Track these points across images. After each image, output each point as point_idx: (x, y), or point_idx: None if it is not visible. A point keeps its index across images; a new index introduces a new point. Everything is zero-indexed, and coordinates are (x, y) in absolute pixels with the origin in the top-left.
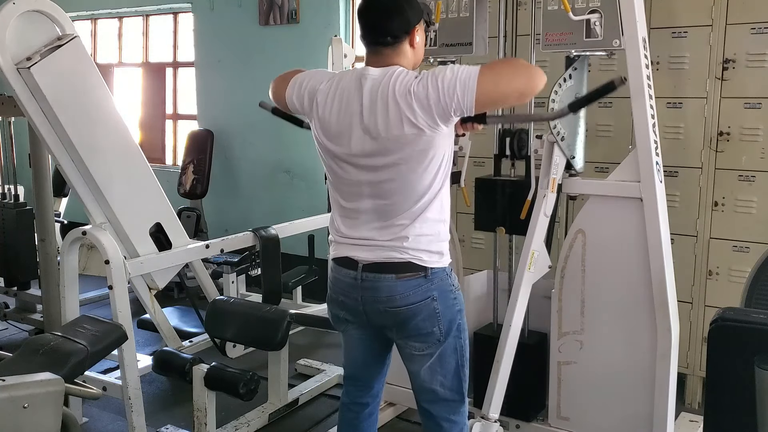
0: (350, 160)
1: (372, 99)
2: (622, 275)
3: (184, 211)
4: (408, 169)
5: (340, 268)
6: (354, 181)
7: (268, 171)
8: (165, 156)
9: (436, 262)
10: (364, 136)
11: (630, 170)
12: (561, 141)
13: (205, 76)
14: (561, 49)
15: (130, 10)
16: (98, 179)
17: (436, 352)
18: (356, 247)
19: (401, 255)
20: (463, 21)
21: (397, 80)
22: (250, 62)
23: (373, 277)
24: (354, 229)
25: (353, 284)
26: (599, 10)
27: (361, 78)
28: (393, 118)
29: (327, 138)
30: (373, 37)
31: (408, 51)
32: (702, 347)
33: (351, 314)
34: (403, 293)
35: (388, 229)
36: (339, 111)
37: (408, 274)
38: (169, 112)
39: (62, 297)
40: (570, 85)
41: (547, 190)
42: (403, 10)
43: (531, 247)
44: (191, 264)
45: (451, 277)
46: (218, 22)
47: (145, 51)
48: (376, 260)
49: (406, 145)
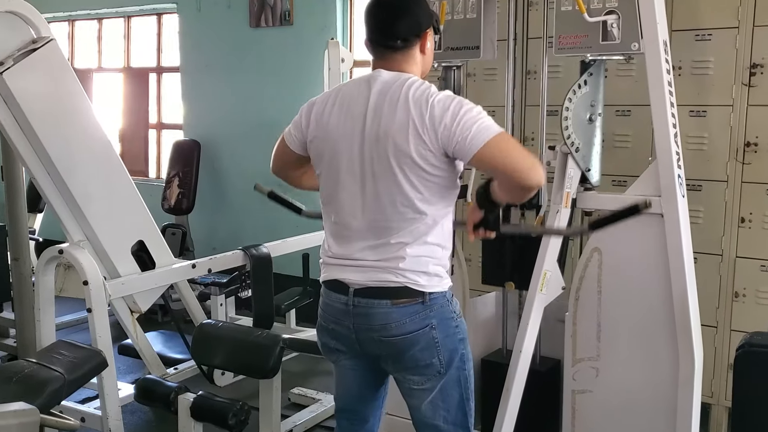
0: (347, 168)
1: (379, 101)
2: (642, 297)
3: (168, 228)
4: (409, 184)
5: (330, 293)
6: (349, 193)
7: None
8: (148, 168)
9: (435, 286)
10: (365, 141)
11: (650, 184)
12: (575, 152)
13: (192, 82)
14: (575, 52)
15: (110, 11)
16: (76, 194)
17: (437, 385)
18: (347, 269)
19: (396, 278)
20: (470, 23)
21: (412, 85)
22: (240, 67)
23: (366, 302)
24: (345, 248)
25: (344, 310)
26: (617, 11)
27: (369, 80)
28: (400, 123)
29: (324, 143)
30: (382, 39)
31: (418, 57)
32: (728, 375)
33: (342, 343)
34: (399, 321)
35: (382, 248)
36: (340, 114)
37: (404, 300)
38: (152, 120)
39: (37, 320)
40: (585, 92)
41: (561, 205)
42: (415, 12)
43: (543, 267)
44: (176, 285)
45: (452, 303)
46: (206, 23)
47: (127, 55)
48: (368, 284)
49: (409, 156)
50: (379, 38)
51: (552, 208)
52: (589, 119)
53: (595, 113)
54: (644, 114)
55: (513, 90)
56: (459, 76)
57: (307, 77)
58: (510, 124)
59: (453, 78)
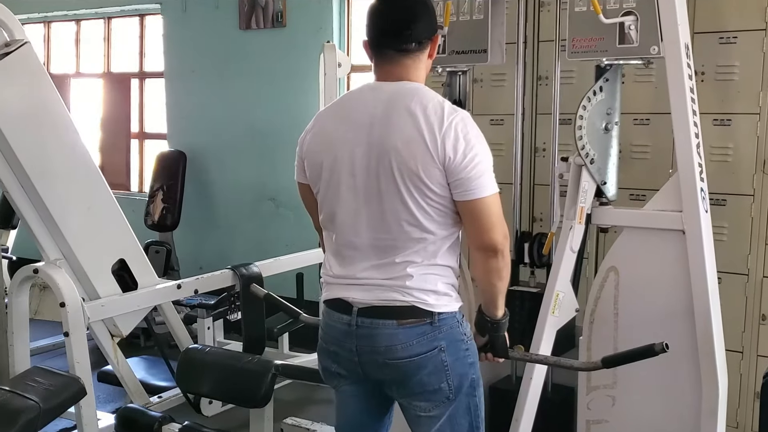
0: (349, 183)
1: (387, 111)
2: (662, 320)
3: (152, 246)
4: (414, 202)
5: (331, 313)
6: (351, 210)
7: (250, 199)
8: (130, 181)
9: (445, 306)
10: (370, 154)
11: (670, 198)
12: (590, 164)
13: (177, 88)
14: (590, 56)
15: (89, 12)
16: (52, 208)
17: (445, 412)
18: (351, 287)
19: (403, 297)
20: (477, 24)
21: (424, 98)
22: (228, 72)
23: (370, 323)
24: (348, 267)
25: (347, 331)
26: (635, 12)
27: (374, 88)
28: (408, 136)
29: (321, 154)
30: (395, 42)
31: (425, 62)
32: (754, 403)
33: (344, 367)
34: (406, 342)
35: (388, 267)
36: (341, 124)
37: (411, 320)
38: (134, 130)
39: (10, 345)
40: (601, 99)
41: (574, 221)
42: (430, 12)
43: (555, 288)
44: (160, 307)
45: (462, 325)
46: (192, 25)
47: (107, 59)
48: (373, 302)
49: (416, 173)
50: (390, 41)
51: (565, 224)
52: (604, 128)
53: (611, 122)
54: (664, 123)
55: (523, 97)
56: (464, 82)
57: (301, 83)
58: (520, 133)
59: (458, 84)
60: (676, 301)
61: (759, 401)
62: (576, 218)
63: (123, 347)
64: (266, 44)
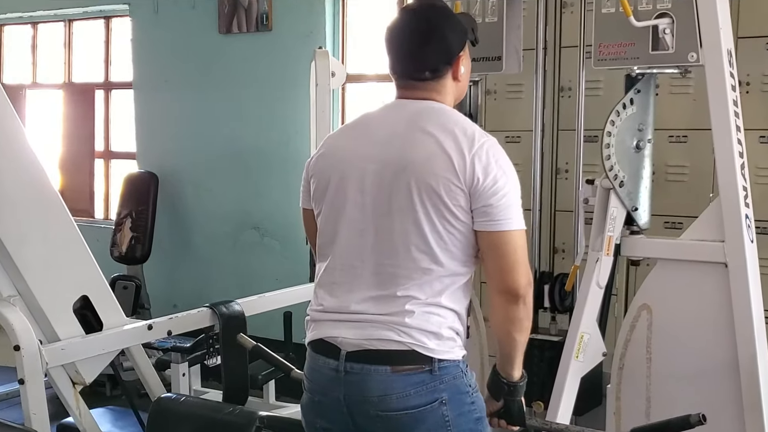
0: (355, 199)
1: (408, 125)
2: (701, 365)
3: (119, 281)
4: (429, 224)
5: (316, 356)
6: (355, 230)
7: (232, 227)
8: (94, 207)
9: (447, 352)
10: (384, 169)
11: (711, 226)
12: (620, 187)
13: (147, 100)
14: (619, 64)
15: (47, 14)
16: (5, 238)
17: None
18: (339, 324)
19: (400, 337)
20: (490, 28)
21: (451, 117)
22: (207, 82)
23: (360, 368)
24: (341, 299)
25: (334, 378)
26: (670, 14)
27: (396, 106)
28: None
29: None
30: (406, 69)
31: (450, 86)
32: None
33: (331, 421)
34: (402, 392)
35: (386, 301)
36: (355, 138)
37: (408, 367)
38: (99, 148)
39: None
40: (631, 114)
41: (601, 252)
42: (444, 36)
43: (579, 329)
44: (128, 351)
45: (467, 375)
46: (165, 29)
47: (68, 67)
48: (364, 344)
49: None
50: (403, 69)
51: (591, 255)
52: (636, 147)
53: (643, 139)
54: (704, 140)
55: (542, 111)
56: (476, 94)
57: (290, 95)
58: (539, 152)
59: (469, 96)
60: (717, 344)
61: None
62: (603, 249)
63: (86, 396)
64: (250, 50)
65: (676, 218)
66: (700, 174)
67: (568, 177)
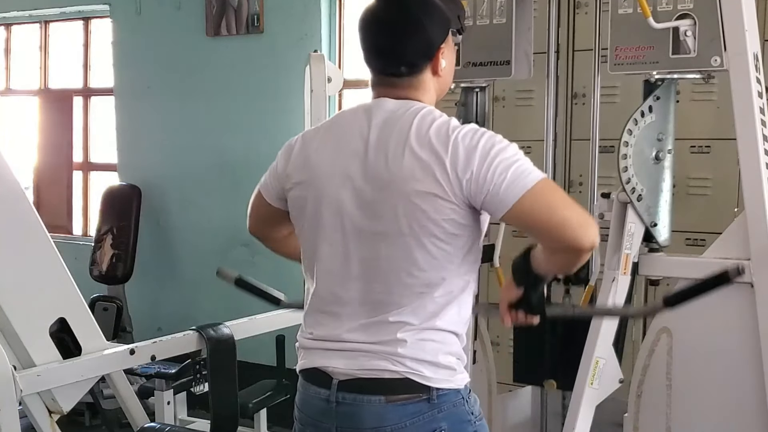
0: (335, 222)
1: (383, 136)
2: (725, 392)
3: (99, 302)
4: (419, 247)
5: (308, 386)
6: (338, 255)
7: (220, 244)
8: (72, 223)
9: (446, 381)
10: (364, 186)
11: (735, 243)
12: (637, 201)
13: (129, 108)
14: (637, 69)
15: (21, 15)
16: None
17: None
18: (330, 353)
19: (394, 366)
20: (498, 30)
21: (425, 118)
22: (193, 88)
23: (353, 399)
24: (330, 328)
25: (325, 409)
26: (692, 15)
27: (370, 109)
28: (411, 167)
29: (307, 189)
30: (381, 65)
31: (430, 82)
32: None
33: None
34: (397, 423)
35: (377, 327)
36: (330, 152)
37: (403, 396)
38: (77, 159)
39: None
40: (650, 122)
41: (618, 271)
42: (423, 27)
43: (594, 354)
44: (109, 377)
45: (468, 402)
46: (148, 31)
47: (44, 72)
48: (357, 374)
49: (422, 211)
50: (377, 64)
51: (606, 275)
52: (655, 158)
53: (663, 150)
54: (728, 151)
55: (555, 119)
56: (483, 100)
57: (283, 102)
58: (551, 164)
59: (475, 103)
60: (743, 370)
61: None
62: (620, 268)
63: (63, 426)
64: (239, 54)
65: (698, 235)
66: (724, 187)
67: (582, 190)
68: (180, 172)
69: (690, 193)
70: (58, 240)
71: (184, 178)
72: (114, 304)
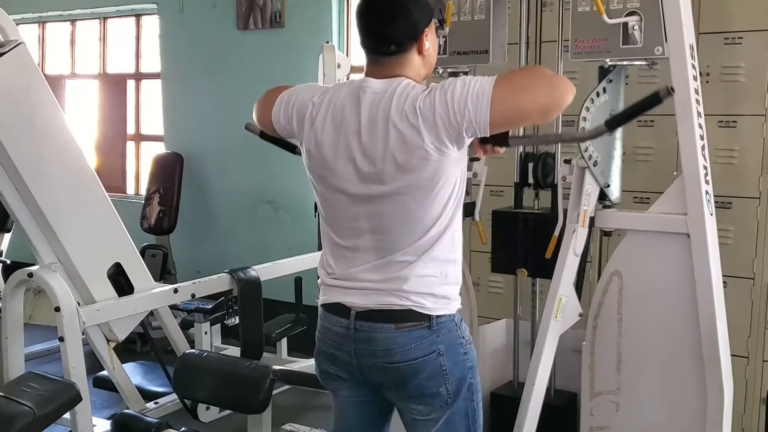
0: (346, 189)
1: (372, 116)
2: (666, 325)
3: (148, 249)
4: (412, 200)
5: (330, 316)
6: (350, 215)
7: (248, 202)
8: (126, 184)
9: (443, 309)
10: (363, 160)
11: (675, 201)
12: (593, 166)
13: (173, 89)
14: (593, 57)
15: (84, 12)
16: (47, 211)
17: (442, 416)
18: (349, 291)
19: (401, 301)
20: (478, 25)
21: (401, 95)
22: (226, 73)
23: (368, 326)
24: (348, 271)
25: (345, 335)
26: (638, 12)
27: (359, 91)
28: (395, 140)
29: (320, 163)
30: (374, 44)
31: (416, 60)
32: (760, 409)
33: (343, 370)
34: (404, 346)
35: (386, 267)
36: (333, 130)
37: (409, 324)
38: (130, 132)
39: (4, 350)
40: (604, 101)
41: (577, 224)
42: (409, 13)
43: (558, 292)
44: (157, 311)
45: (461, 328)
46: (189, 26)
47: (103, 60)
48: (371, 306)
49: (410, 172)
50: (371, 44)
51: (568, 227)
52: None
53: None
54: (669, 125)
55: None
56: None
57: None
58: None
59: None
60: (680, 305)
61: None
62: (579, 221)
63: (119, 352)
64: (264, 45)
65: (643, 194)
66: (665, 154)
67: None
68: (215, 142)
69: (637, 159)
70: (114, 198)
71: (219, 147)
72: (160, 252)
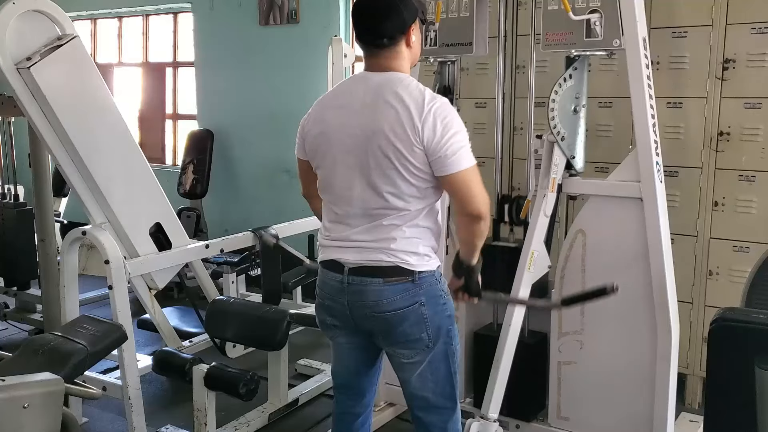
0: (343, 160)
1: (374, 98)
2: (622, 275)
3: (184, 211)
4: (400, 177)
5: (327, 272)
6: (345, 184)
7: (268, 171)
8: (165, 156)
9: (425, 265)
10: (360, 136)
11: (630, 170)
12: (561, 141)
13: (205, 76)
14: (561, 48)
15: (129, 10)
16: (98, 179)
17: (425, 359)
18: (343, 249)
19: (389, 258)
20: (463, 21)
21: (408, 86)
22: (249, 62)
23: (360, 280)
24: (343, 232)
25: (340, 288)
26: (599, 10)
27: (364, 79)
28: (394, 120)
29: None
30: (369, 38)
31: (404, 51)
32: (702, 347)
33: (339, 319)
34: (391, 298)
35: (376, 229)
36: (337, 111)
37: (395, 278)
38: (168, 111)
39: (62, 297)
40: (570, 85)
41: (547, 189)
42: (398, 11)
43: (531, 247)
44: (191, 264)
45: (440, 282)
46: (218, 22)
47: (145, 51)
48: (362, 263)
49: (401, 152)
50: (366, 38)
51: (539, 192)
52: (573, 110)
53: (579, 105)
54: (625, 105)
55: (503, 83)
56: (453, 70)
57: (313, 72)
58: (500, 115)
59: (448, 72)
60: (635, 259)
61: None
62: (549, 188)
63: (159, 299)
64: (282, 38)
65: (604, 164)
66: (622, 131)
67: (523, 133)
68: (241, 120)
69: (598, 135)
70: (155, 167)
71: (244, 124)
72: (194, 213)
